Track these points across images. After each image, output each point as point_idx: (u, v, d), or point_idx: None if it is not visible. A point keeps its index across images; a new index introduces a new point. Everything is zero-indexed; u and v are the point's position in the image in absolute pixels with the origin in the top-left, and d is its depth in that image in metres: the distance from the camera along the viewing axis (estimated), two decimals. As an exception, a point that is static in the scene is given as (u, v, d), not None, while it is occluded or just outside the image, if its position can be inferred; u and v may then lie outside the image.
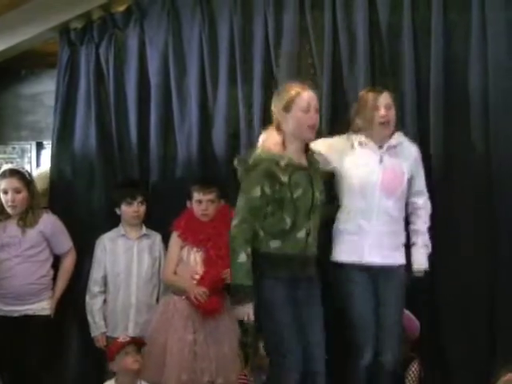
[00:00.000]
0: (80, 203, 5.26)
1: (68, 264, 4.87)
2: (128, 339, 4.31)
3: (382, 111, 3.83)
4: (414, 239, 3.96)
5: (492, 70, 4.11)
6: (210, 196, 4.57)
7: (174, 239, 4.67)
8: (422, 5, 4.30)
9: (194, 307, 4.47)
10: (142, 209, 4.80)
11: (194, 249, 4.58)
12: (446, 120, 4.22)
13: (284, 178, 3.59)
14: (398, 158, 3.89)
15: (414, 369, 4.10)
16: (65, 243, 4.86)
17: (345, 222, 3.88)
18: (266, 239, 3.64)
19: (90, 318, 4.80)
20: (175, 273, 4.62)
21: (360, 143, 3.90)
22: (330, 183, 3.99)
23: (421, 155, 4.01)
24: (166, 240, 4.77)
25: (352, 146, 3.92)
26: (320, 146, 3.92)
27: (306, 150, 3.78)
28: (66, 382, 5.09)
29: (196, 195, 4.58)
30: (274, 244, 3.63)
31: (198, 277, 4.50)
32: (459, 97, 4.24)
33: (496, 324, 4.10)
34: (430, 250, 3.97)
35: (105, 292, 4.81)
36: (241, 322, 4.37)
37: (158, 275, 4.79)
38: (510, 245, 4.07)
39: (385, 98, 3.87)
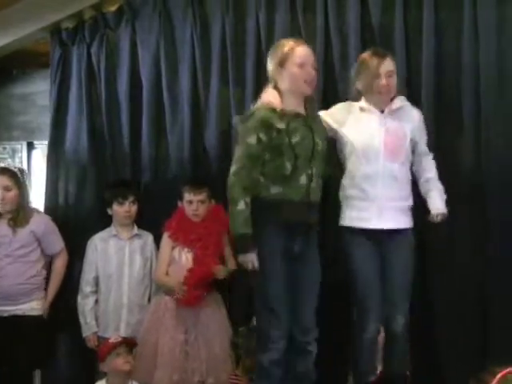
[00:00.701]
0: (72, 203, 5.24)
1: (59, 265, 4.84)
2: (119, 340, 4.28)
3: (383, 80, 3.76)
4: (427, 187, 3.89)
5: (483, 69, 4.10)
6: (201, 196, 4.54)
7: (166, 240, 4.64)
8: (413, 5, 4.28)
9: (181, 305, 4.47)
10: (134, 209, 4.78)
11: (186, 249, 4.56)
12: (438, 119, 4.21)
13: (281, 125, 3.54)
14: (400, 122, 3.82)
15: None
16: (56, 244, 4.83)
17: (350, 187, 3.82)
18: (266, 185, 3.58)
19: (81, 318, 4.77)
20: (167, 273, 4.59)
21: (361, 108, 3.84)
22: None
23: (423, 118, 3.96)
24: (157, 240, 4.75)
25: (353, 112, 3.86)
26: (321, 115, 3.88)
27: (305, 106, 3.72)
28: (57, 382, 5.07)
29: (187, 196, 4.55)
30: (275, 189, 3.57)
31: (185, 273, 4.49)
32: (451, 96, 4.22)
33: (489, 325, 4.09)
34: (444, 196, 3.88)
35: (96, 292, 4.78)
36: (236, 323, 4.38)
37: (150, 275, 4.77)
38: (502, 246, 4.06)
39: (387, 66, 3.78)
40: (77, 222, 5.17)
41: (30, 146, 6.38)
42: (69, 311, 4.88)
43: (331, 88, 4.39)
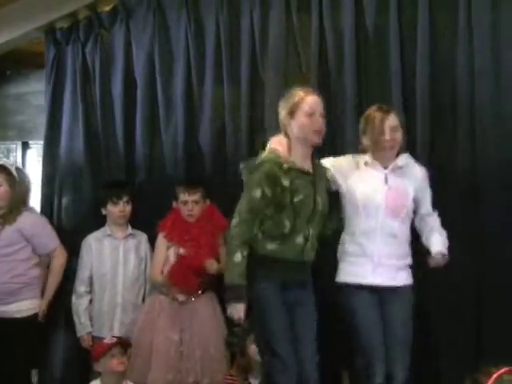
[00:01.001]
0: (66, 203, 5.23)
1: (55, 264, 4.79)
2: (114, 341, 4.25)
3: (388, 135, 3.74)
4: (429, 234, 3.85)
5: (478, 70, 4.09)
6: (196, 196, 4.53)
7: (161, 239, 4.64)
8: (408, 6, 4.25)
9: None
10: (128, 208, 4.77)
11: (181, 249, 4.55)
12: (433, 120, 4.19)
13: (285, 182, 3.55)
14: (403, 179, 3.80)
15: None
16: (48, 243, 4.77)
17: (348, 243, 3.81)
18: (263, 242, 3.60)
19: (75, 318, 4.77)
20: (162, 273, 4.58)
21: (366, 163, 3.82)
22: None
23: (427, 175, 3.92)
24: (151, 240, 4.75)
25: (357, 166, 3.85)
26: (325, 164, 3.87)
27: (313, 158, 3.73)
28: (51, 382, 5.05)
29: (181, 196, 4.55)
30: (271, 246, 3.60)
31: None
32: (445, 97, 4.19)
33: (483, 325, 4.08)
34: (447, 243, 3.84)
35: (91, 292, 4.77)
36: (231, 323, 4.37)
37: (144, 275, 4.77)
38: (496, 246, 4.05)
39: (391, 121, 3.76)
40: (71, 221, 5.16)
41: (25, 146, 6.38)
42: (63, 311, 4.87)
43: (325, 88, 4.38)
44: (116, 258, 4.77)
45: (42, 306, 4.70)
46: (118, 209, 4.74)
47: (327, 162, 3.90)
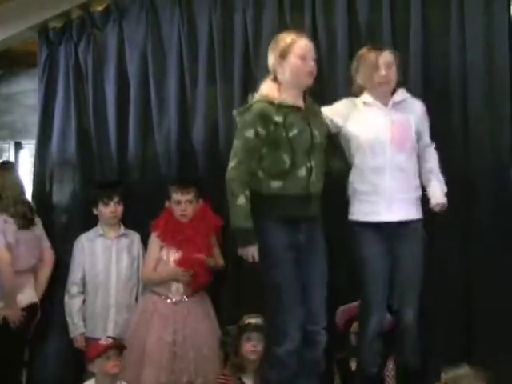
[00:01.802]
0: (59, 203, 5.21)
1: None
2: (110, 342, 4.19)
3: (383, 71, 3.72)
4: (428, 177, 3.85)
5: (470, 68, 4.09)
6: (189, 196, 4.51)
7: (154, 239, 4.61)
8: (400, 4, 4.26)
9: (175, 308, 4.46)
10: (119, 209, 4.74)
11: (173, 249, 4.53)
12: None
13: (278, 118, 3.51)
14: (404, 113, 3.79)
15: (391, 367, 4.06)
16: None
17: (358, 182, 3.78)
18: (266, 180, 3.56)
19: (68, 318, 4.73)
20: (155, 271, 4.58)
21: (364, 103, 3.81)
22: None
23: (425, 109, 3.92)
24: (144, 239, 4.72)
25: (357, 107, 3.83)
26: (323, 112, 3.85)
27: (304, 99, 3.70)
28: (45, 382, 5.01)
29: (174, 196, 4.52)
30: (275, 184, 3.55)
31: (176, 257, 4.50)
32: (438, 96, 4.19)
33: (473, 325, 4.08)
34: (445, 188, 3.84)
35: (83, 293, 4.74)
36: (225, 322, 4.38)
37: (137, 275, 4.74)
38: (486, 243, 4.05)
39: (385, 57, 3.75)
40: (64, 222, 5.14)
41: (18, 146, 6.35)
42: (56, 311, 4.85)
43: (318, 86, 4.36)
44: (109, 257, 4.74)
45: (2, 310, 4.55)
46: (108, 209, 4.71)
47: (324, 108, 3.88)
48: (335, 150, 3.83)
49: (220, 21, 4.72)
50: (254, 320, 4.16)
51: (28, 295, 4.69)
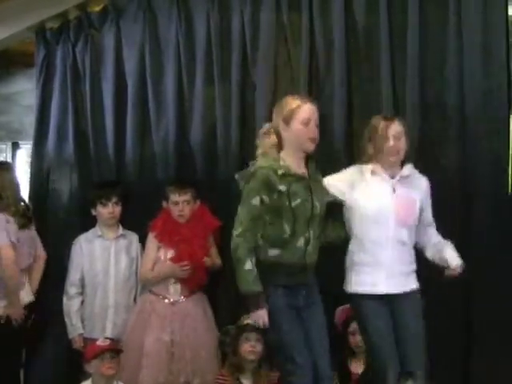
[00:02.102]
0: (57, 204, 5.21)
1: (2, 264, 4.50)
2: (106, 343, 4.20)
3: (391, 142, 3.70)
4: (438, 247, 3.83)
5: (468, 71, 4.08)
6: (186, 197, 4.50)
7: (151, 239, 4.60)
8: (398, 7, 4.24)
9: (173, 308, 4.45)
10: (117, 209, 4.73)
11: (171, 249, 4.52)
12: (423, 119, 4.18)
13: (282, 187, 3.51)
14: (409, 188, 3.77)
15: None
16: None
17: (358, 252, 3.76)
18: (264, 248, 3.55)
19: (67, 319, 4.72)
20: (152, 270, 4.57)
21: (372, 172, 3.77)
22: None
23: (430, 186, 3.89)
24: (142, 240, 4.71)
25: (363, 176, 3.79)
26: (330, 179, 3.82)
27: (307, 163, 3.68)
28: (42, 381, 5.01)
29: (172, 196, 4.51)
30: (273, 252, 3.55)
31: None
32: (435, 97, 4.18)
33: (472, 327, 4.08)
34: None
35: (82, 294, 4.73)
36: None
37: (136, 275, 4.73)
38: (484, 243, 4.04)
39: (395, 128, 3.72)
40: (62, 222, 5.13)
41: (15, 146, 6.35)
42: (55, 312, 4.82)
43: (315, 88, 4.38)
44: (107, 258, 4.73)
45: (4, 309, 4.51)
46: (107, 210, 4.70)
47: (332, 176, 3.86)
48: (335, 219, 3.81)
49: (217, 21, 4.71)
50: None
51: (26, 294, 4.67)
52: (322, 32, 4.39)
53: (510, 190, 4.10)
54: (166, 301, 4.48)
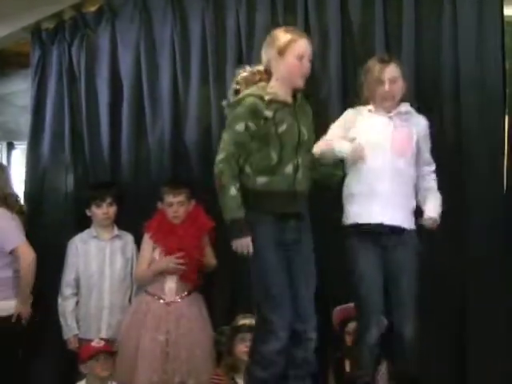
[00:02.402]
0: (52, 204, 5.20)
1: (20, 265, 4.51)
2: (101, 345, 4.23)
3: (386, 86, 3.71)
4: (425, 194, 3.82)
5: (463, 69, 4.08)
6: (181, 198, 4.48)
7: (147, 240, 4.59)
8: (393, 4, 4.23)
9: (167, 308, 4.44)
10: (112, 210, 4.72)
11: (166, 250, 4.51)
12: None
13: (268, 113, 3.49)
14: (407, 123, 3.79)
15: (382, 371, 4.03)
16: (8, 241, 4.52)
17: (356, 184, 3.74)
18: (252, 175, 3.52)
19: (62, 320, 4.71)
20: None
21: (369, 110, 3.79)
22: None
23: (429, 126, 3.90)
24: (137, 240, 4.70)
25: (362, 115, 3.81)
26: (335, 130, 3.82)
27: (294, 97, 3.66)
28: (38, 381, 4.99)
29: (166, 197, 4.49)
30: (261, 180, 3.51)
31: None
32: (431, 94, 4.17)
33: (467, 321, 4.07)
34: (440, 208, 3.79)
35: (77, 294, 4.72)
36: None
37: (131, 276, 4.72)
38: (479, 243, 4.03)
39: (390, 71, 3.73)
40: (57, 222, 5.12)
41: (10, 147, 6.34)
42: (50, 313, 4.80)
43: (312, 86, 4.35)
44: (102, 259, 4.72)
45: (16, 307, 4.52)
46: (101, 211, 4.69)
47: (333, 127, 3.84)
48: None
49: (213, 21, 4.70)
50: (248, 321, 4.14)
51: None
52: (318, 31, 4.37)
53: (504, 190, 4.10)
54: (162, 301, 4.46)
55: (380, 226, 3.68)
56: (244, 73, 3.71)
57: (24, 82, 5.50)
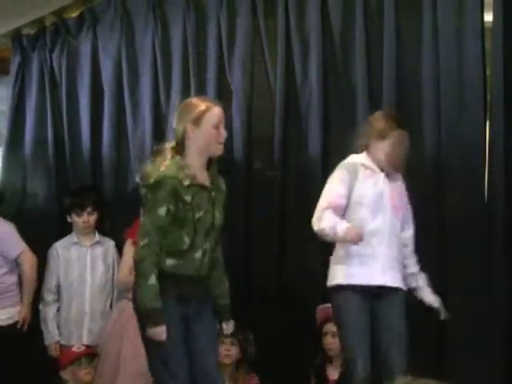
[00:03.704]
0: (33, 210, 5.17)
1: (24, 270, 4.59)
2: (82, 349, 4.20)
3: (402, 156, 3.68)
4: (414, 283, 3.78)
5: (443, 75, 4.08)
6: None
7: (129, 246, 4.51)
8: (373, 10, 4.21)
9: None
10: (93, 218, 4.66)
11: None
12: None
13: (187, 198, 3.39)
14: (396, 182, 3.76)
15: None
16: (12, 248, 4.58)
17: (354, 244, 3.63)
18: (162, 257, 3.41)
19: (43, 326, 4.65)
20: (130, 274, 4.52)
21: (364, 165, 3.71)
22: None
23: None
24: (119, 246, 4.65)
25: (358, 171, 3.71)
26: (338, 190, 3.70)
27: (209, 166, 3.55)
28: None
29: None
30: (170, 262, 3.42)
31: None
32: (411, 101, 4.15)
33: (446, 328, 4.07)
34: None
35: (58, 300, 4.66)
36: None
37: (112, 282, 4.68)
38: (459, 245, 4.03)
39: (407, 141, 3.69)
40: (37, 229, 5.08)
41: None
42: (31, 319, 4.75)
43: (292, 92, 4.36)
44: (83, 265, 4.67)
45: (21, 313, 4.54)
46: (82, 219, 4.63)
47: (331, 181, 3.74)
48: None
49: (194, 27, 4.67)
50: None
51: None
52: (298, 37, 4.35)
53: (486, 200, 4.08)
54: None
55: (381, 287, 3.64)
56: (157, 147, 3.57)
57: (4, 88, 5.47)
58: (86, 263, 4.69)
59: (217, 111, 3.48)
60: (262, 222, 4.50)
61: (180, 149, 3.45)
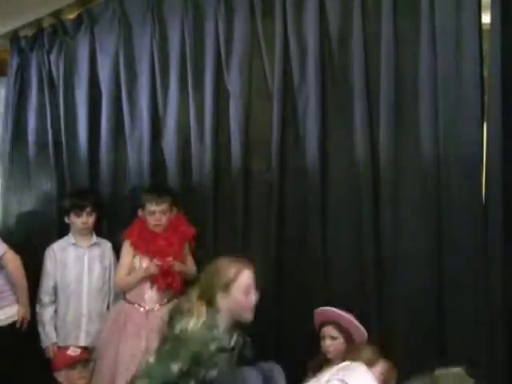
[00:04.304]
0: (31, 212, 5.17)
1: (9, 270, 4.61)
2: (77, 353, 4.21)
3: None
4: None
5: (441, 76, 4.07)
6: (163, 206, 4.38)
7: (127, 247, 4.49)
8: (371, 14, 4.17)
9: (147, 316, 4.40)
10: (91, 219, 4.66)
11: (146, 259, 4.44)
12: (397, 128, 4.13)
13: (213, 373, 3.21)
14: None
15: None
16: None
17: None
18: None
19: (40, 328, 4.64)
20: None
21: None
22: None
23: None
24: (116, 248, 4.63)
25: None
26: None
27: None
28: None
29: (148, 206, 4.38)
30: None
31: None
32: (409, 105, 4.12)
33: (446, 325, 4.05)
34: None
35: (55, 302, 4.65)
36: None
37: (109, 283, 4.66)
38: (456, 252, 4.01)
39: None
40: (35, 230, 5.09)
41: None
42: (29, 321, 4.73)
43: (289, 95, 4.34)
44: (81, 267, 4.65)
45: (19, 312, 4.57)
46: (80, 220, 4.62)
47: None
48: None
49: (192, 28, 4.61)
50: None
51: None
52: (296, 38, 4.31)
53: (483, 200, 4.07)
54: (142, 309, 4.38)
55: None
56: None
57: (2, 89, 5.48)
58: (83, 264, 4.68)
59: (246, 275, 3.41)
60: (260, 224, 4.47)
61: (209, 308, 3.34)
